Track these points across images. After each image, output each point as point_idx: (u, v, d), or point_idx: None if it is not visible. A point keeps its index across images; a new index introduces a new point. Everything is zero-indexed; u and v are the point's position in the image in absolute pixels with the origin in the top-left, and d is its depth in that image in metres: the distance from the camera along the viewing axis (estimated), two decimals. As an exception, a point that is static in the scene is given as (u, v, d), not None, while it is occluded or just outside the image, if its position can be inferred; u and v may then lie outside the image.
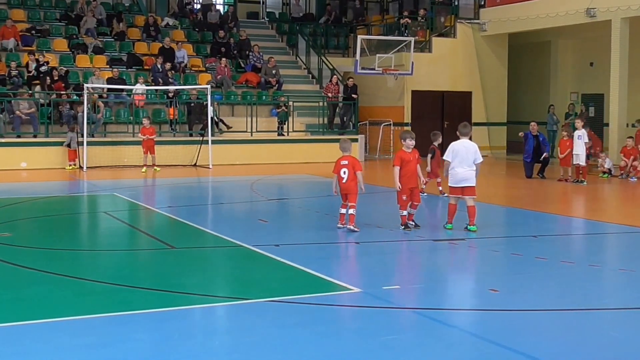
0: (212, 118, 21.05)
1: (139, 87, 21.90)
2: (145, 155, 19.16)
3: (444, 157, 10.20)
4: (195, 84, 23.20)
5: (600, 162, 18.49)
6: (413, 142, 10.08)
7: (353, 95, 23.89)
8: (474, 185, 9.99)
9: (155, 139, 19.43)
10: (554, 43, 26.56)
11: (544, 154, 17.84)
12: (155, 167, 19.09)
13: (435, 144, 13.70)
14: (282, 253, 8.64)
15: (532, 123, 18.22)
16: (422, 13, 26.28)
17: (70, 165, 19.35)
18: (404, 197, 10.01)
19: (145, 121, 19.54)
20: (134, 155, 19.76)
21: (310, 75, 26.29)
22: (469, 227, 9.96)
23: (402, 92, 24.87)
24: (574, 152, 16.84)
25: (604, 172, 18.17)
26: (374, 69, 23.86)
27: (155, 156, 19.20)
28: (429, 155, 13.80)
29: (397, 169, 9.97)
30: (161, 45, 24.18)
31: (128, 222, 11.64)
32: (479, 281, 7.58)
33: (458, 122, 27.20)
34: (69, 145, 19.41)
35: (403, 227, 10.08)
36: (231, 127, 22.13)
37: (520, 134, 18.43)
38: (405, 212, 10.08)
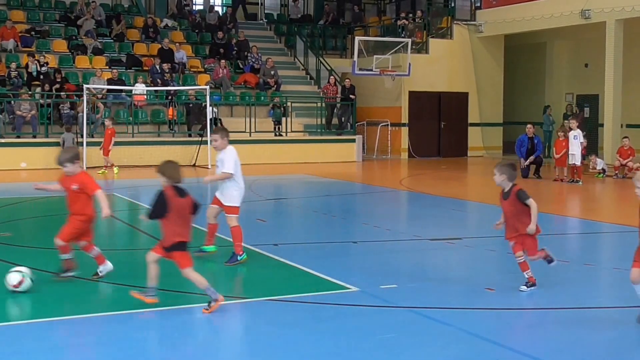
0: (211, 119, 21.08)
1: (139, 87, 21.94)
2: (106, 156, 18.60)
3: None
4: (194, 84, 23.26)
5: (592, 164, 18.64)
6: None
7: (351, 96, 23.95)
8: None
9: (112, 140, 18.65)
10: (550, 44, 26.66)
11: (535, 155, 17.95)
12: (114, 168, 18.73)
13: None
14: (280, 252, 8.70)
15: (529, 125, 18.34)
16: (419, 14, 26.38)
17: None
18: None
19: (108, 122, 18.82)
20: (133, 155, 19.84)
21: (309, 76, 26.35)
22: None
23: (399, 93, 24.95)
24: (569, 152, 16.94)
25: (599, 172, 18.28)
26: (371, 70, 23.94)
27: (108, 157, 18.60)
28: None
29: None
30: (160, 46, 24.25)
31: (128, 222, 11.69)
32: (475, 280, 7.65)
33: (455, 122, 27.50)
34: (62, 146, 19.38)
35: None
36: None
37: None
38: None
